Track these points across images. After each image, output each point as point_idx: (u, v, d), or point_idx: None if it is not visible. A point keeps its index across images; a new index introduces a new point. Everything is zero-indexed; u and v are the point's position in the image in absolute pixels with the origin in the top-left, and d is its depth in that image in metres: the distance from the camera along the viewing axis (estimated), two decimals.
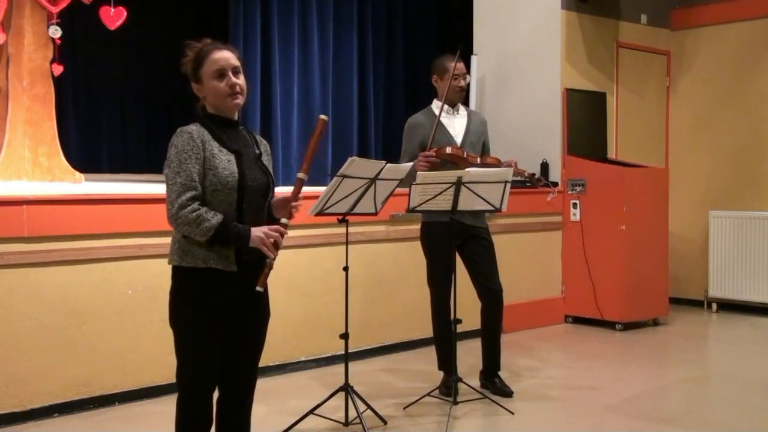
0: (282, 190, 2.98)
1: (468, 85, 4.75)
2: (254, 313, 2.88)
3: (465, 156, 4.47)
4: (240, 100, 2.81)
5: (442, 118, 4.62)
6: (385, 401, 4.46)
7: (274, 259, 2.74)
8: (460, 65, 4.64)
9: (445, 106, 4.65)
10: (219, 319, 2.77)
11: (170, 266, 2.83)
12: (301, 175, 2.91)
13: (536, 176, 4.80)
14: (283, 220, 2.81)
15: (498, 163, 4.54)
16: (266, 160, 2.94)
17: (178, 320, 2.79)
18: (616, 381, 4.99)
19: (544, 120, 6.89)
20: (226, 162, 2.73)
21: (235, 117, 2.87)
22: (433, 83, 4.71)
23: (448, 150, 4.44)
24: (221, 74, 2.77)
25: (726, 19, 7.41)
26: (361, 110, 7.75)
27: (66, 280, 4.25)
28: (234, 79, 2.78)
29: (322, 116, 3.02)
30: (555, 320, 6.79)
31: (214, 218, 2.66)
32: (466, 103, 4.93)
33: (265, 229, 2.72)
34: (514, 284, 6.20)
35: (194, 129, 2.74)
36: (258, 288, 2.73)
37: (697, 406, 4.59)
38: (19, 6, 5.51)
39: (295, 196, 2.87)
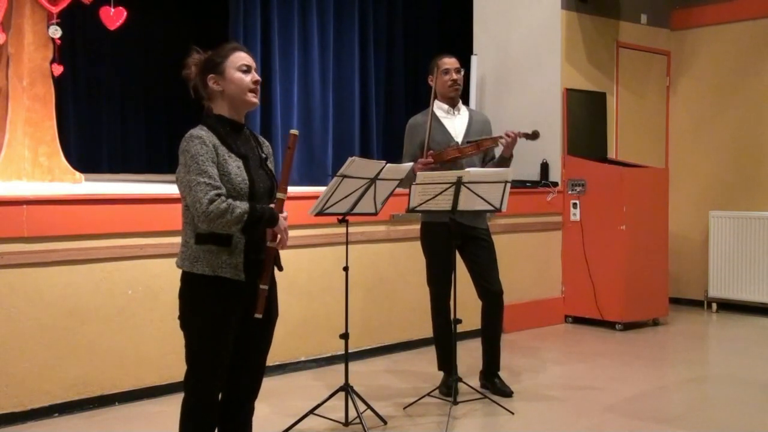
0: None
1: (461, 81, 4.66)
2: (264, 316, 2.88)
3: (459, 154, 4.43)
4: (258, 100, 2.87)
5: (442, 119, 4.61)
6: (385, 401, 4.46)
7: (266, 284, 2.80)
8: (450, 59, 4.61)
9: (445, 106, 4.65)
10: (230, 325, 2.77)
11: (179, 269, 2.81)
12: (280, 195, 2.88)
13: (532, 132, 4.55)
14: (269, 244, 2.83)
15: (494, 143, 4.49)
16: (270, 163, 2.96)
17: (190, 325, 2.78)
18: (616, 381, 4.99)
19: (544, 120, 6.88)
20: (236, 168, 2.74)
21: (242, 120, 2.88)
22: (430, 84, 4.69)
23: (446, 156, 4.42)
24: (247, 69, 2.82)
25: (726, 19, 7.41)
26: (362, 110, 7.75)
27: (66, 280, 4.25)
28: (258, 76, 2.85)
29: (293, 131, 3.04)
30: (555, 320, 6.78)
31: (243, 205, 2.68)
32: (466, 103, 4.92)
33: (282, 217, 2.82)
34: (514, 284, 6.20)
35: (204, 134, 2.73)
36: (257, 315, 2.77)
37: (697, 406, 4.59)
38: (19, 6, 5.51)
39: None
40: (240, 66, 2.81)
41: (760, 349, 5.98)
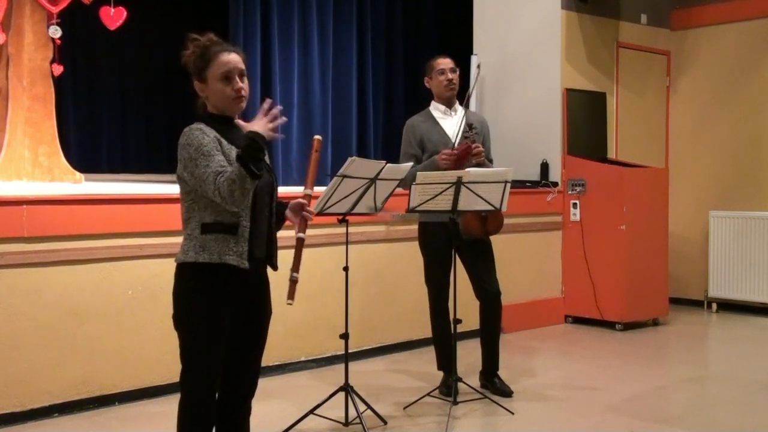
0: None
1: (457, 81, 4.66)
2: (258, 313, 2.89)
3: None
4: (244, 104, 2.82)
5: (439, 119, 4.62)
6: (385, 401, 4.46)
7: (297, 272, 2.92)
8: (444, 59, 4.61)
9: (442, 107, 4.65)
10: (225, 321, 2.77)
11: (176, 266, 2.78)
12: (308, 191, 3.07)
13: (469, 130, 4.47)
14: (300, 235, 2.98)
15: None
16: (267, 158, 2.95)
17: (186, 321, 2.76)
18: (616, 381, 4.99)
19: (544, 120, 6.88)
20: None
21: (236, 116, 2.87)
22: (426, 85, 4.70)
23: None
24: (228, 77, 2.76)
25: (726, 19, 7.41)
26: (361, 110, 7.75)
27: (66, 280, 4.25)
28: (240, 84, 2.77)
29: (317, 136, 3.10)
30: (555, 320, 6.78)
31: (233, 167, 2.60)
32: (466, 105, 4.91)
33: (260, 121, 2.66)
34: (514, 284, 6.20)
35: (203, 126, 2.73)
36: (289, 302, 2.85)
37: (697, 406, 4.59)
38: (19, 6, 5.51)
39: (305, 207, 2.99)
40: (221, 75, 2.74)
41: (760, 349, 5.98)
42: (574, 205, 6.73)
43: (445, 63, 4.60)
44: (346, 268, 4.07)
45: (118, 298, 4.44)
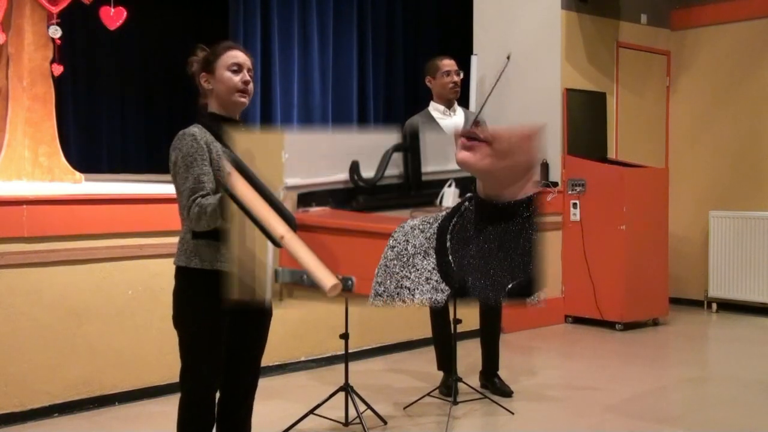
0: None
1: (460, 83, 4.67)
2: (258, 313, 2.88)
3: None
4: (247, 100, 2.83)
5: (438, 119, 4.62)
6: (385, 401, 4.46)
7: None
8: (449, 61, 4.63)
9: (441, 107, 4.66)
10: (223, 320, 2.77)
11: (174, 267, 2.80)
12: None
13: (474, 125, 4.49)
14: None
15: None
16: None
17: (184, 321, 2.78)
18: (616, 381, 4.99)
19: (544, 120, 6.88)
20: None
21: (237, 116, 2.87)
22: (427, 85, 4.71)
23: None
24: (238, 68, 2.79)
25: (726, 19, 7.41)
26: (361, 110, 7.75)
27: (66, 280, 4.25)
28: (248, 77, 2.81)
29: None
30: (555, 320, 6.78)
31: (212, 198, 2.61)
32: (466, 105, 4.92)
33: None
34: None
35: (197, 131, 2.72)
36: None
37: (697, 406, 4.59)
38: (19, 6, 5.51)
39: None
40: (230, 65, 2.78)
41: (760, 349, 5.98)
42: (574, 205, 6.73)
43: (450, 65, 4.62)
44: None
45: (118, 298, 4.44)
